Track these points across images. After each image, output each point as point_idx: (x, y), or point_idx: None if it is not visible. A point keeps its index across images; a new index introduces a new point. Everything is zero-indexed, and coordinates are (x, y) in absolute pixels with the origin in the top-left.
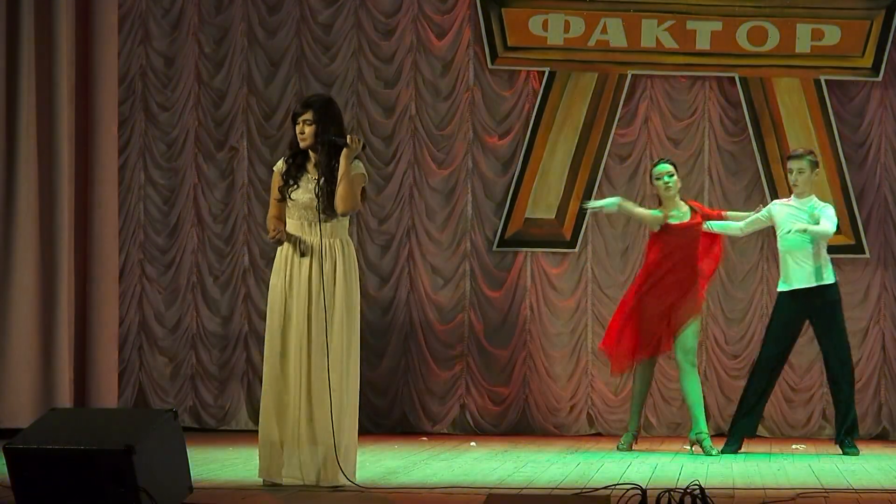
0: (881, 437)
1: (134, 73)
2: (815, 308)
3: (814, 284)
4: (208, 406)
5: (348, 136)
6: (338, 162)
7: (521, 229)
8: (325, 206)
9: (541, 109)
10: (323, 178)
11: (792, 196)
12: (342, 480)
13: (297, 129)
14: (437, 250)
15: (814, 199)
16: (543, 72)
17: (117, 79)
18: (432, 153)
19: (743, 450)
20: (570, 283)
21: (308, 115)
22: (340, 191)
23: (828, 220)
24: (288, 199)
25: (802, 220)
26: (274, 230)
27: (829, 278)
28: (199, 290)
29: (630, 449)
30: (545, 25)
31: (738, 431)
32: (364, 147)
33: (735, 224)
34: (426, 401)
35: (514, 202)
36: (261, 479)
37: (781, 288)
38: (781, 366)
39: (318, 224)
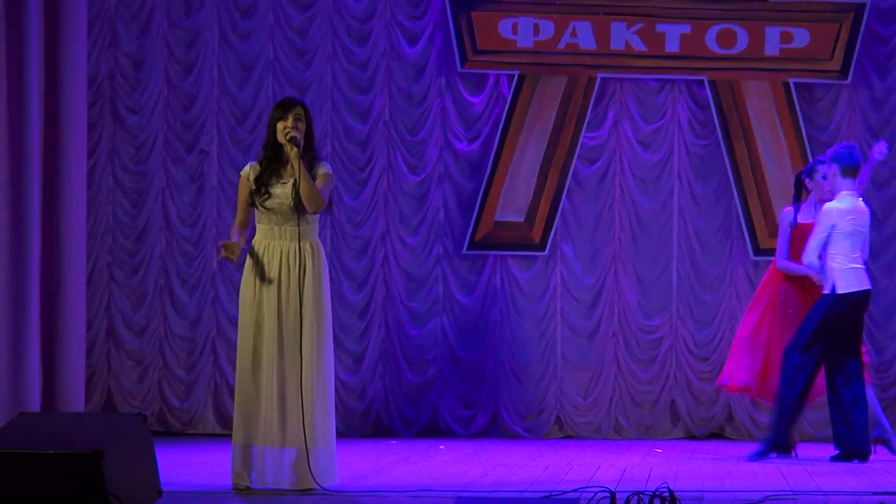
0: None
1: (102, 75)
2: None
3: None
4: (175, 410)
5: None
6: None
7: (491, 232)
8: (300, 206)
9: (510, 112)
10: (300, 173)
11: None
12: (315, 484)
13: (287, 122)
14: (410, 255)
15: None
16: (513, 75)
17: (86, 81)
18: (406, 158)
19: (710, 453)
20: (539, 287)
21: (301, 111)
22: (307, 190)
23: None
24: (260, 206)
25: None
26: (229, 252)
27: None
28: (167, 293)
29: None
30: (514, 28)
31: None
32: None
33: None
34: (400, 404)
35: (483, 205)
36: (230, 484)
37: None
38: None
39: (289, 227)
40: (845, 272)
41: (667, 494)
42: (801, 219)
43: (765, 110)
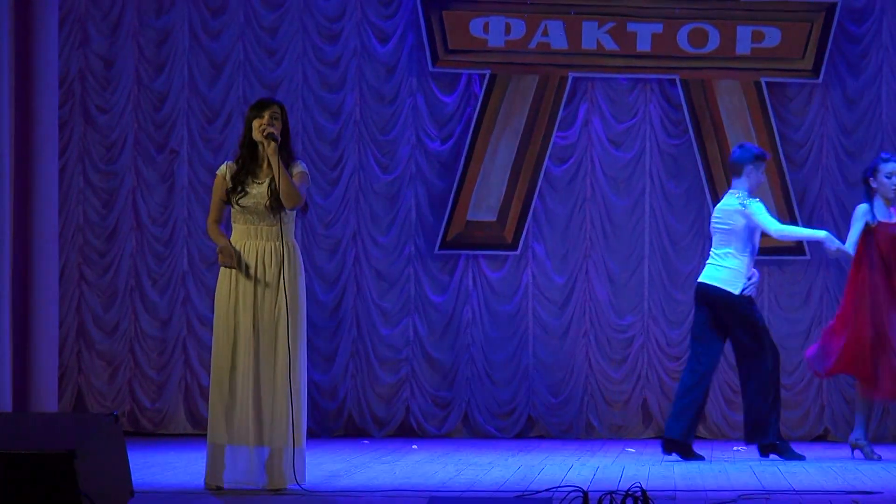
0: (822, 438)
1: (73, 75)
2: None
3: None
4: (146, 410)
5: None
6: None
7: (463, 232)
8: (276, 205)
9: (482, 112)
10: (279, 170)
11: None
12: (288, 483)
13: (264, 120)
14: (381, 255)
15: None
16: (484, 74)
17: (58, 81)
18: (377, 158)
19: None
20: (511, 287)
21: (277, 110)
22: (285, 185)
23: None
24: (236, 205)
25: None
26: (228, 258)
27: None
28: (138, 293)
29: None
30: (486, 28)
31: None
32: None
33: None
34: (372, 404)
35: (455, 204)
36: (203, 484)
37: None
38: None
39: (266, 226)
40: None
41: (639, 494)
42: (879, 217)
43: (737, 109)
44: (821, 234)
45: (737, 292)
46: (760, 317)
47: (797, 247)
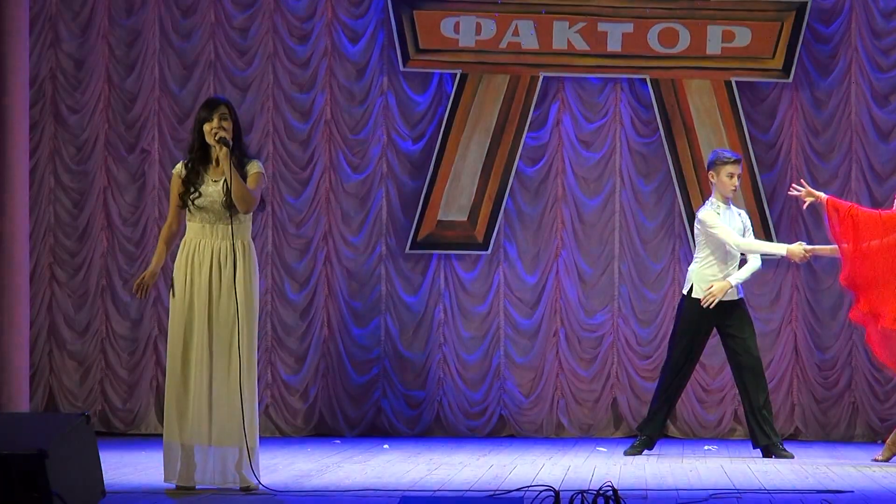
0: (793, 437)
1: (44, 75)
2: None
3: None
4: (117, 410)
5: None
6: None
7: (434, 231)
8: (232, 205)
9: (453, 112)
10: (231, 174)
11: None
12: (248, 482)
13: (213, 123)
14: (353, 254)
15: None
16: (455, 74)
17: (28, 81)
18: (348, 157)
19: (655, 451)
20: (483, 287)
21: (226, 110)
22: (237, 190)
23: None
24: (190, 204)
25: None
26: (139, 286)
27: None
28: (109, 293)
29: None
30: (457, 28)
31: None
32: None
33: None
34: (343, 403)
35: (426, 204)
36: (174, 484)
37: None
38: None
39: (221, 225)
40: None
41: (611, 493)
42: None
43: (707, 109)
44: (781, 249)
45: (685, 292)
46: (688, 329)
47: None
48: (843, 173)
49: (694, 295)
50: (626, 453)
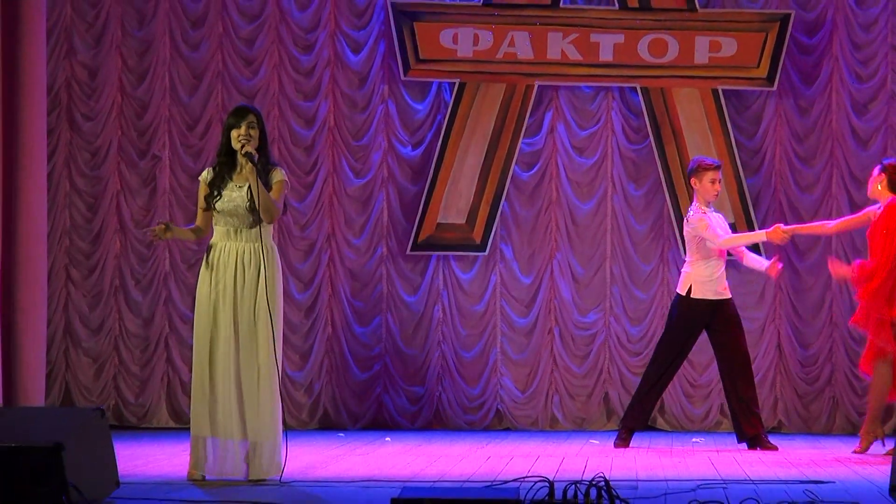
0: (776, 430)
1: (59, 84)
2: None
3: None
4: (130, 404)
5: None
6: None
7: (434, 233)
8: (254, 211)
9: (451, 119)
10: (257, 189)
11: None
12: (268, 475)
13: (241, 130)
14: (355, 255)
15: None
16: (454, 83)
17: (45, 90)
18: (350, 163)
19: (645, 443)
20: (480, 286)
21: (254, 119)
22: (264, 204)
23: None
24: (213, 209)
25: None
26: (155, 231)
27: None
28: (122, 293)
29: None
30: (455, 38)
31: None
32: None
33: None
34: (347, 399)
35: (426, 207)
36: (185, 474)
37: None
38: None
39: (245, 229)
40: None
41: (602, 484)
42: None
43: (695, 116)
44: (761, 236)
45: (682, 293)
46: (685, 328)
47: (753, 248)
48: (825, 178)
49: (694, 295)
50: (616, 445)
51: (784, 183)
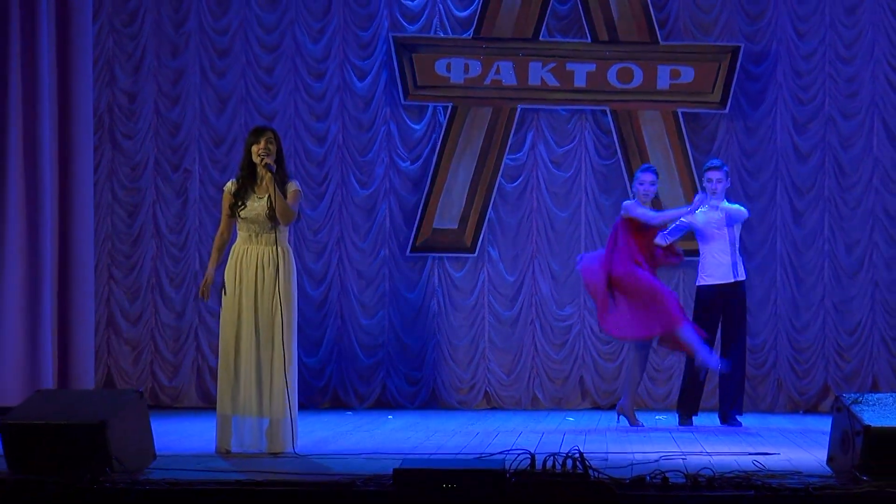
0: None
1: (103, 108)
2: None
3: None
4: (164, 387)
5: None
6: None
7: (430, 237)
8: (273, 218)
9: (445, 138)
10: (275, 195)
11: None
12: (285, 448)
13: (261, 145)
14: (361, 257)
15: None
16: (447, 106)
17: (91, 113)
18: (357, 176)
19: (614, 421)
20: (470, 284)
21: (271, 136)
22: (281, 208)
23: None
24: (238, 216)
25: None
26: (204, 288)
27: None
28: (158, 289)
29: None
30: (448, 67)
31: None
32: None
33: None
34: (354, 382)
35: (423, 215)
36: (213, 448)
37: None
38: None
39: (265, 234)
40: None
41: (577, 456)
42: None
43: (657, 135)
44: (683, 208)
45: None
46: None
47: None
48: (770, 189)
49: (699, 283)
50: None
51: (735, 193)
